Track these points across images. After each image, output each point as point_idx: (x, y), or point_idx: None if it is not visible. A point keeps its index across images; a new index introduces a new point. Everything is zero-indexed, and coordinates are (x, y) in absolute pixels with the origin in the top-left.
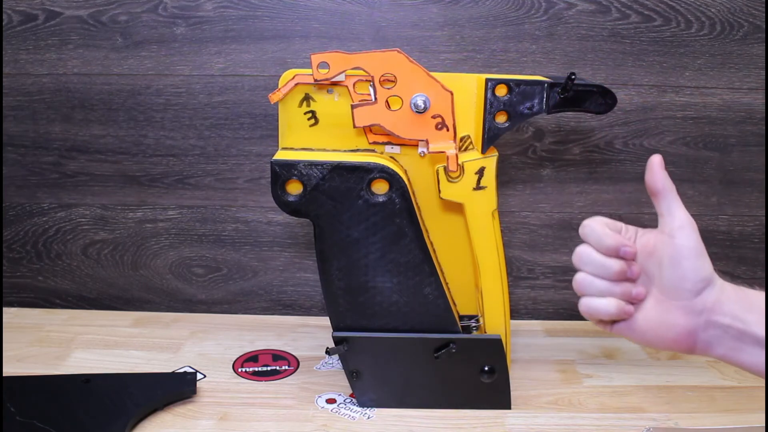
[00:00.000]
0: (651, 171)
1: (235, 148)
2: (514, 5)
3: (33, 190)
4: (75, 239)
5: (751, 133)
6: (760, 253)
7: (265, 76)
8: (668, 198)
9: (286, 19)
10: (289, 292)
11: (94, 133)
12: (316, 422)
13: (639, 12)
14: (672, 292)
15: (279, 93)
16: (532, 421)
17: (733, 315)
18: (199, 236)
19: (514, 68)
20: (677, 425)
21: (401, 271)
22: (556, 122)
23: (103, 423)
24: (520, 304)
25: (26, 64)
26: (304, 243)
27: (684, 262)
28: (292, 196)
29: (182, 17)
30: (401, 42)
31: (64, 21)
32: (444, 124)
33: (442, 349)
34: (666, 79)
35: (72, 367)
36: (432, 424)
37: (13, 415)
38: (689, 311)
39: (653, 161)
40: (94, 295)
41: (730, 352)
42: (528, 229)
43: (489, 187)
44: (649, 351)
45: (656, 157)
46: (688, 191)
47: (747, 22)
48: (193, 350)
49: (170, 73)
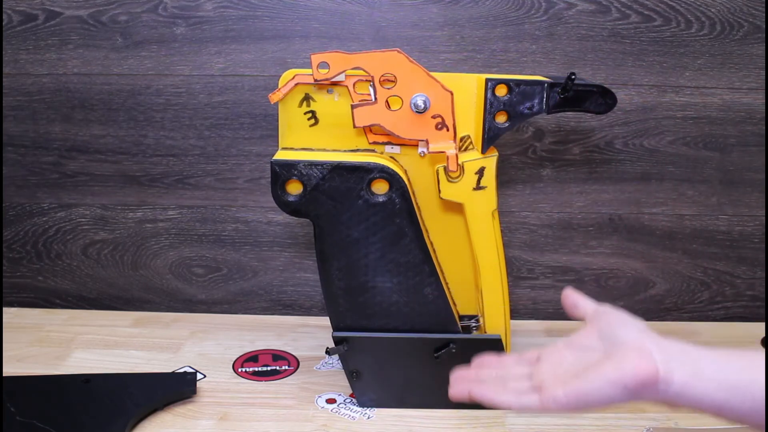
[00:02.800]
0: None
1: (235, 148)
2: (514, 5)
3: (33, 190)
4: (75, 239)
5: (751, 133)
6: (760, 253)
7: (265, 76)
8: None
9: (286, 19)
10: (289, 292)
11: (94, 133)
12: (316, 422)
13: (639, 12)
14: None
15: (279, 93)
16: (532, 421)
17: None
18: (199, 236)
19: (514, 68)
20: (677, 425)
21: (401, 271)
22: (556, 122)
23: (103, 423)
24: (520, 304)
25: (26, 64)
26: (304, 243)
27: (618, 313)
28: (292, 196)
29: (182, 17)
30: (401, 42)
31: (64, 21)
32: (444, 124)
33: (442, 349)
34: (666, 79)
35: (72, 367)
36: (432, 424)
37: (13, 415)
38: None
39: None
40: (94, 295)
41: (692, 378)
42: (528, 229)
43: (489, 187)
44: None
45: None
46: (688, 191)
47: (747, 22)
48: (193, 350)
49: (170, 73)
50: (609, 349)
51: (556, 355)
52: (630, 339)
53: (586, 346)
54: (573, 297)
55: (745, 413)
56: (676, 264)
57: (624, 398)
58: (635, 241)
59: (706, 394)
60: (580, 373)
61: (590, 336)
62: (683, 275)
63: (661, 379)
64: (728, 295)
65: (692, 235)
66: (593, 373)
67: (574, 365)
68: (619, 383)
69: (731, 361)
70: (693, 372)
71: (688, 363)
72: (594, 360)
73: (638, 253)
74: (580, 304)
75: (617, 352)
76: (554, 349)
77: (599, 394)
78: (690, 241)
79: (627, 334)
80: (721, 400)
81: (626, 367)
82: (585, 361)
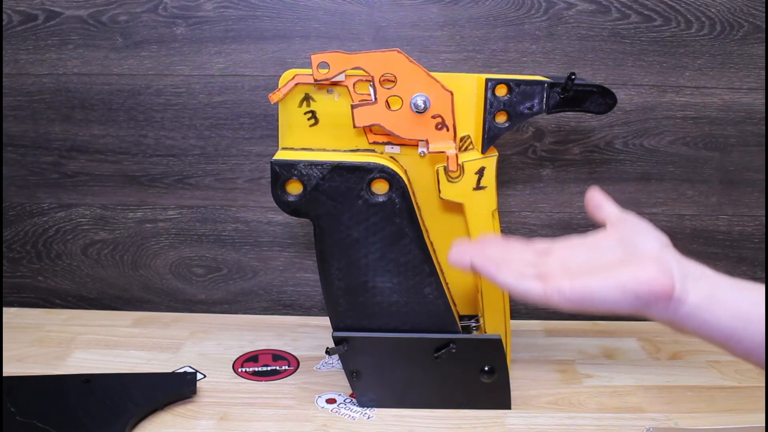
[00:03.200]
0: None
1: (235, 148)
2: (514, 5)
3: (33, 190)
4: (75, 239)
5: (751, 133)
6: (760, 253)
7: (265, 76)
8: (606, 206)
9: (286, 19)
10: (289, 292)
11: (94, 133)
12: (316, 422)
13: (639, 12)
14: (637, 256)
15: (279, 93)
16: (532, 421)
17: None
18: (199, 236)
19: (514, 68)
20: (677, 425)
21: (401, 271)
22: (556, 122)
23: (103, 423)
24: (520, 304)
25: (26, 64)
26: (304, 243)
27: (643, 223)
28: (292, 196)
29: (182, 17)
30: (401, 42)
31: (64, 21)
32: (444, 124)
33: (442, 349)
34: (666, 79)
35: (72, 367)
36: (432, 424)
37: (13, 415)
38: (657, 257)
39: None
40: (94, 295)
41: (705, 301)
42: (528, 229)
43: (489, 187)
44: (649, 351)
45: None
46: (688, 191)
47: (747, 22)
48: (193, 350)
49: (170, 73)
50: (627, 255)
51: (568, 249)
52: (651, 249)
53: (602, 247)
54: (598, 198)
55: (752, 348)
56: None
57: (630, 307)
58: None
59: (717, 321)
60: (592, 270)
61: (609, 238)
62: None
63: (675, 297)
64: None
65: (692, 235)
66: (606, 273)
67: (587, 263)
68: (631, 291)
69: (748, 293)
70: (708, 295)
71: (704, 286)
72: (609, 261)
73: None
74: (605, 207)
75: (636, 259)
76: (567, 244)
77: (607, 296)
78: (690, 241)
79: (649, 244)
80: (731, 330)
81: (642, 276)
82: (599, 261)
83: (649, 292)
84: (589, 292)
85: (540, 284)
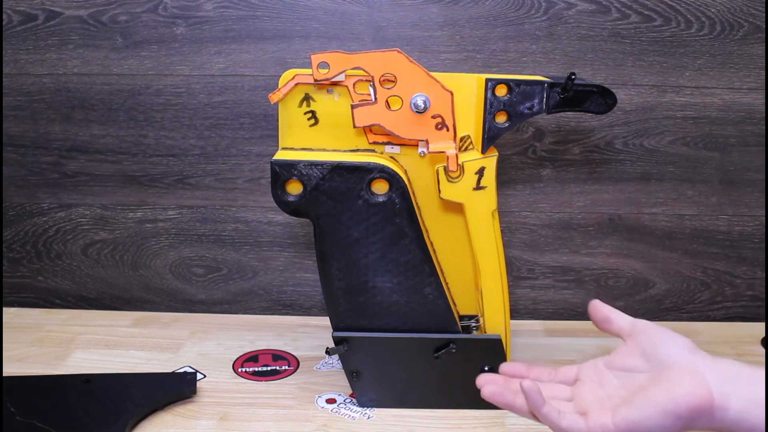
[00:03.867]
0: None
1: (235, 148)
2: (514, 5)
3: (33, 190)
4: (75, 239)
5: (751, 133)
6: (760, 253)
7: (265, 76)
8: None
9: (286, 19)
10: (289, 292)
11: (94, 133)
12: (316, 422)
13: (639, 12)
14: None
15: (279, 93)
16: (532, 421)
17: None
18: (199, 236)
19: (514, 68)
20: None
21: (401, 271)
22: (556, 122)
23: (103, 423)
24: (520, 304)
25: (26, 64)
26: (304, 243)
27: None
28: (292, 196)
29: (182, 17)
30: (401, 42)
31: (64, 21)
32: (444, 124)
33: (442, 349)
34: (666, 79)
35: (72, 367)
36: (432, 424)
37: (13, 415)
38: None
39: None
40: (94, 295)
41: (750, 405)
42: (528, 229)
43: (489, 187)
44: None
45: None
46: (688, 191)
47: (747, 22)
48: (193, 350)
49: (170, 73)
50: (656, 372)
51: (596, 375)
52: (679, 360)
53: (629, 367)
54: (604, 311)
55: None
56: (676, 264)
57: (677, 427)
58: (635, 241)
59: (761, 423)
60: (629, 399)
61: (632, 355)
62: (683, 275)
63: (717, 406)
64: (728, 295)
65: (692, 235)
66: (644, 400)
67: (620, 391)
68: (673, 412)
69: None
70: (751, 398)
71: (745, 387)
72: (641, 383)
73: (638, 253)
74: (613, 319)
75: (667, 376)
76: (594, 370)
77: (651, 424)
78: (690, 241)
79: (675, 354)
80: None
81: (679, 394)
82: (631, 384)
83: (689, 409)
84: (633, 425)
85: (582, 421)
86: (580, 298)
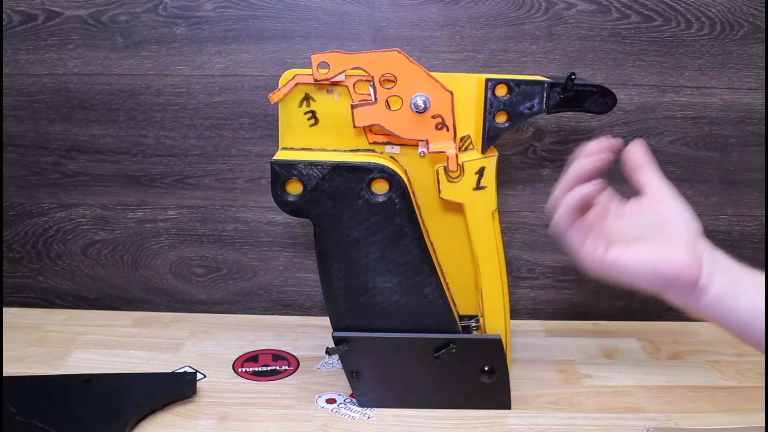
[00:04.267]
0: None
1: (235, 148)
2: (514, 5)
3: (33, 190)
4: (75, 239)
5: (751, 133)
6: (760, 253)
7: (265, 76)
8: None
9: (286, 19)
10: (289, 292)
11: (94, 133)
12: (316, 422)
13: (639, 12)
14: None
15: (279, 93)
16: (532, 421)
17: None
18: (199, 236)
19: (514, 68)
20: (677, 425)
21: (401, 271)
22: (556, 122)
23: (103, 423)
24: (520, 304)
25: (26, 64)
26: (304, 243)
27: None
28: (292, 196)
29: (182, 17)
30: (401, 42)
31: (64, 21)
32: (444, 124)
33: (442, 349)
34: (666, 79)
35: (72, 367)
36: (432, 424)
37: (13, 415)
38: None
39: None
40: (94, 295)
41: (726, 294)
42: (528, 229)
43: (489, 187)
44: (649, 351)
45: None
46: (688, 191)
47: (747, 22)
48: (193, 350)
49: (170, 73)
50: (661, 233)
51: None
52: (686, 237)
53: (638, 220)
54: (639, 158)
55: (759, 340)
56: None
57: (654, 286)
58: None
59: (734, 313)
60: (626, 241)
61: (646, 212)
62: None
63: (699, 286)
64: None
65: None
66: (639, 248)
67: (622, 232)
68: (660, 273)
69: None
70: (730, 289)
71: (728, 278)
72: (642, 235)
73: None
74: (645, 172)
75: (669, 241)
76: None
77: (635, 270)
78: None
79: (684, 229)
80: (746, 322)
81: (674, 262)
82: (633, 232)
83: (676, 277)
84: (621, 263)
85: (580, 239)
86: (580, 298)
